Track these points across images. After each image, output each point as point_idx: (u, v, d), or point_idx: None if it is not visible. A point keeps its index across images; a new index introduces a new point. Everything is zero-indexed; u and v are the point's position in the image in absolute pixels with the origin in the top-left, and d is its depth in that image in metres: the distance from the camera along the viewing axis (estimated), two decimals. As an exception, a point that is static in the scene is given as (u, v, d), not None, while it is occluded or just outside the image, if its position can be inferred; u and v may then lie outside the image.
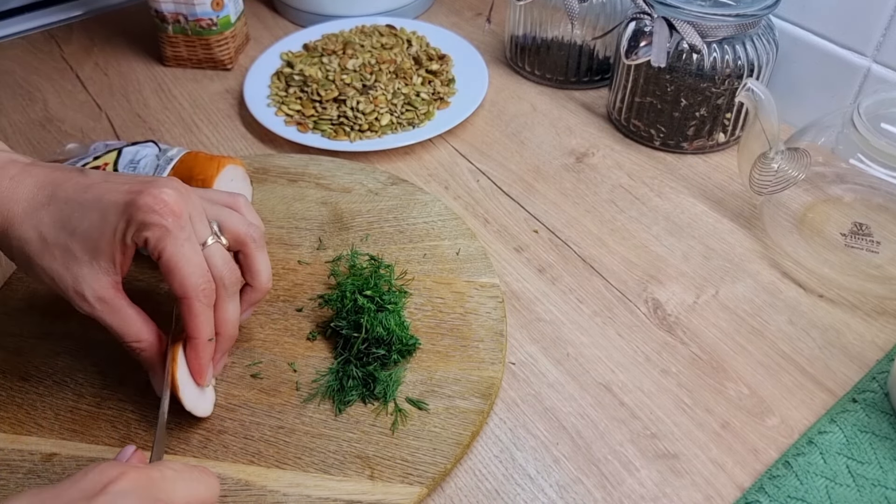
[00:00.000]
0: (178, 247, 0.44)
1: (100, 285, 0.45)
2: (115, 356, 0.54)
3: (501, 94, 0.84)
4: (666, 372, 0.55)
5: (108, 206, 0.44)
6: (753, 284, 0.61)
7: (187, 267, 0.44)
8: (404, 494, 0.46)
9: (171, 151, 0.59)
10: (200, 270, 0.45)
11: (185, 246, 0.44)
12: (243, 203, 0.50)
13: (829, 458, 0.48)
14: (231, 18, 0.85)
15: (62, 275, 0.44)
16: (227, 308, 0.47)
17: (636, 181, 0.71)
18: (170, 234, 0.43)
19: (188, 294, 0.45)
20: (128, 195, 0.44)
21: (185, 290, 0.44)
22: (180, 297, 0.45)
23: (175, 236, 0.44)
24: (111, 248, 0.44)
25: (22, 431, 0.50)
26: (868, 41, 0.68)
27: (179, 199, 0.44)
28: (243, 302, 0.50)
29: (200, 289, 0.45)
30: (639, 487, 0.48)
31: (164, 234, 0.43)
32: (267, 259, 0.50)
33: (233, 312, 0.48)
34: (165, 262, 0.44)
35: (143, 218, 0.43)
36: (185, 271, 0.44)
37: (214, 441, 0.49)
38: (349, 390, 0.51)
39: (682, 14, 0.66)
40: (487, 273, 0.60)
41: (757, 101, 0.60)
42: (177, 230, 0.44)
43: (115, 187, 0.45)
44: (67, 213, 0.44)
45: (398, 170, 0.73)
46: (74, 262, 0.44)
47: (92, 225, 0.44)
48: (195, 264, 0.45)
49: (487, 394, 0.51)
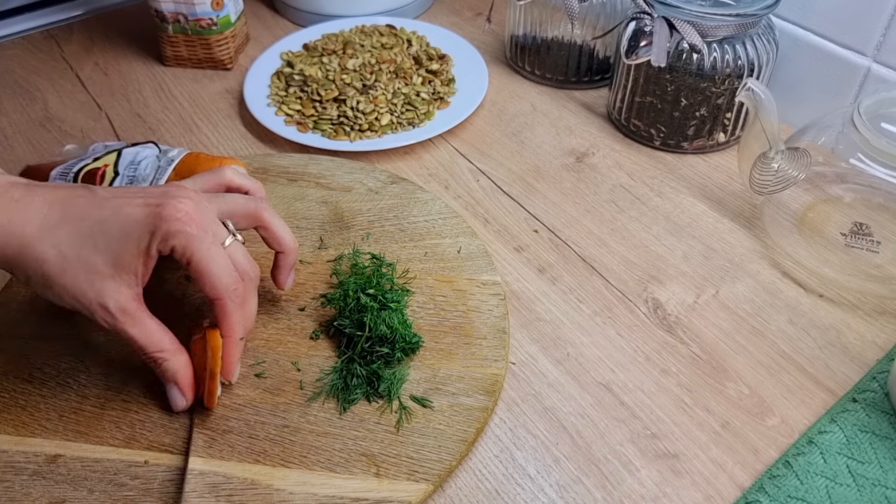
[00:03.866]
0: (205, 251, 0.46)
1: (124, 298, 0.46)
2: (118, 357, 0.54)
3: (501, 93, 0.84)
4: (666, 372, 0.55)
5: (128, 220, 0.45)
6: (754, 284, 0.61)
7: (217, 269, 0.46)
8: (410, 492, 0.46)
9: (171, 152, 0.59)
10: (228, 271, 0.47)
11: (212, 249, 0.46)
12: (232, 174, 0.52)
13: (829, 457, 0.49)
14: (231, 18, 0.85)
15: (85, 290, 0.45)
16: (251, 302, 0.50)
17: (636, 181, 0.72)
18: (196, 239, 0.45)
19: (220, 295, 0.47)
20: (147, 208, 0.45)
21: (217, 292, 0.47)
22: (213, 298, 0.47)
23: (201, 240, 0.46)
24: (135, 262, 0.45)
25: (26, 433, 0.50)
26: (868, 41, 0.68)
27: (197, 206, 0.46)
28: (282, 268, 0.54)
29: (232, 289, 0.47)
30: (639, 487, 0.48)
31: (191, 240, 0.45)
32: (282, 222, 0.53)
33: (255, 306, 0.51)
34: (195, 267, 0.46)
35: (168, 228, 0.45)
36: (215, 274, 0.46)
37: (220, 441, 0.49)
38: (353, 389, 0.51)
39: (682, 14, 0.67)
40: (489, 271, 0.60)
41: (757, 101, 0.60)
42: (202, 235, 0.46)
43: (130, 201, 0.46)
44: (86, 230, 0.45)
45: (398, 169, 0.73)
46: (98, 277, 0.45)
47: (114, 239, 0.45)
48: (223, 266, 0.47)
49: (491, 391, 0.51)
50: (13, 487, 0.47)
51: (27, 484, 0.47)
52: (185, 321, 0.57)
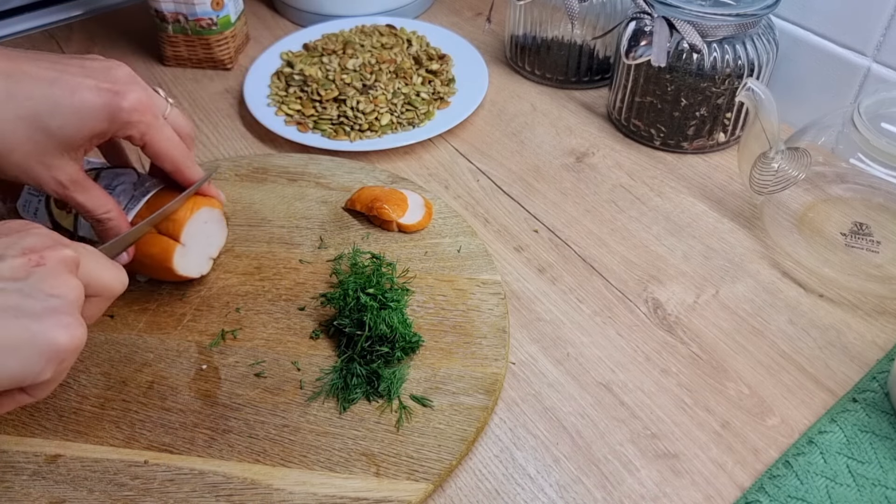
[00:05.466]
0: (160, 134, 0.51)
1: (73, 170, 0.49)
2: (117, 357, 0.54)
3: (501, 93, 0.84)
4: (666, 372, 0.55)
5: (84, 105, 0.47)
6: (754, 284, 0.61)
7: (172, 148, 0.52)
8: (410, 491, 0.46)
9: (147, 183, 0.58)
10: (178, 143, 0.53)
11: (164, 131, 0.52)
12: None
13: (829, 457, 0.49)
14: (231, 18, 0.85)
15: (34, 166, 0.48)
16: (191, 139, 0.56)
17: (636, 181, 0.72)
18: (151, 127, 0.50)
19: (179, 166, 0.53)
20: (103, 94, 0.48)
21: (176, 164, 0.53)
22: (172, 171, 0.53)
23: (157, 128, 0.51)
24: (86, 143, 0.49)
25: (26, 433, 0.50)
26: (868, 41, 0.68)
27: (146, 92, 0.50)
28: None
29: (185, 156, 0.54)
30: (639, 487, 0.48)
31: (148, 129, 0.50)
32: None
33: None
34: (152, 150, 0.52)
35: (127, 118, 0.49)
36: (171, 152, 0.53)
37: (219, 440, 0.49)
38: (353, 388, 0.51)
39: (682, 14, 0.67)
40: (489, 270, 0.60)
41: (757, 101, 0.60)
42: (155, 122, 0.51)
43: (82, 82, 0.47)
44: (35, 109, 0.46)
45: (398, 169, 0.73)
46: (49, 156, 0.48)
47: (68, 123, 0.47)
48: (174, 142, 0.53)
49: (491, 390, 0.51)
50: (13, 487, 0.47)
51: (27, 484, 0.47)
52: (184, 321, 0.57)
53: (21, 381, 0.37)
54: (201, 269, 0.58)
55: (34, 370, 0.37)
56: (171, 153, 0.53)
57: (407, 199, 0.65)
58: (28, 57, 0.48)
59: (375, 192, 0.65)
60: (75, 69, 0.48)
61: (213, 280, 0.60)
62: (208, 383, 0.53)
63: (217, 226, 0.59)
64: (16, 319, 0.36)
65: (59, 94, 0.47)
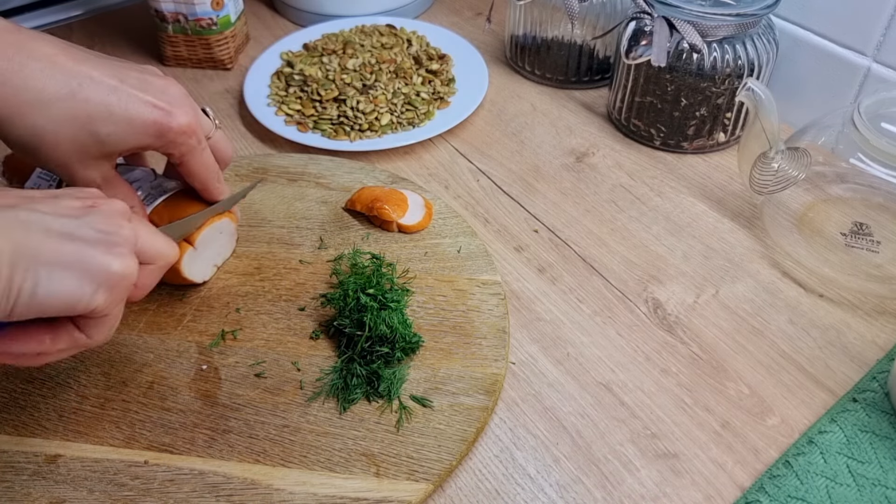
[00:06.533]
0: (198, 158, 0.52)
1: (107, 169, 0.50)
2: (117, 357, 0.54)
3: (501, 93, 0.84)
4: (666, 371, 0.55)
5: (136, 120, 0.48)
6: (753, 284, 0.61)
7: (204, 171, 0.54)
8: (410, 491, 0.46)
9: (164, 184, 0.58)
10: (212, 166, 0.54)
11: (203, 155, 0.53)
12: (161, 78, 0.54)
13: (829, 457, 0.49)
14: (231, 18, 0.85)
15: (73, 164, 0.48)
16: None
17: (636, 181, 0.72)
18: (193, 150, 0.52)
19: (207, 186, 0.55)
20: (157, 113, 0.49)
21: (206, 186, 0.55)
22: (200, 189, 0.55)
23: (197, 151, 0.52)
24: (126, 151, 0.50)
25: (26, 433, 0.50)
26: (868, 41, 0.68)
27: (196, 116, 0.51)
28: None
29: (215, 178, 0.55)
30: (639, 487, 0.48)
31: (188, 150, 0.51)
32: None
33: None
34: (186, 169, 0.53)
35: (173, 139, 0.50)
36: (203, 175, 0.54)
37: (220, 440, 0.49)
38: (353, 388, 0.51)
39: (682, 13, 0.67)
40: (489, 270, 0.60)
41: (757, 101, 0.60)
42: (197, 146, 0.52)
43: (140, 96, 0.48)
44: (90, 113, 0.47)
45: (398, 169, 0.73)
46: (90, 157, 0.48)
47: (117, 132, 0.48)
48: (208, 165, 0.54)
49: (491, 390, 0.51)
50: (13, 487, 0.47)
51: (27, 484, 0.47)
52: (184, 321, 0.57)
53: (74, 305, 0.39)
54: (205, 275, 0.59)
55: (86, 293, 0.39)
56: (202, 175, 0.54)
57: (407, 199, 0.65)
58: (92, 60, 0.49)
59: (375, 192, 0.65)
60: (134, 80, 0.49)
61: (213, 280, 0.60)
62: (208, 383, 0.53)
63: (229, 238, 0.61)
64: (70, 243, 0.39)
65: (116, 104, 0.47)
